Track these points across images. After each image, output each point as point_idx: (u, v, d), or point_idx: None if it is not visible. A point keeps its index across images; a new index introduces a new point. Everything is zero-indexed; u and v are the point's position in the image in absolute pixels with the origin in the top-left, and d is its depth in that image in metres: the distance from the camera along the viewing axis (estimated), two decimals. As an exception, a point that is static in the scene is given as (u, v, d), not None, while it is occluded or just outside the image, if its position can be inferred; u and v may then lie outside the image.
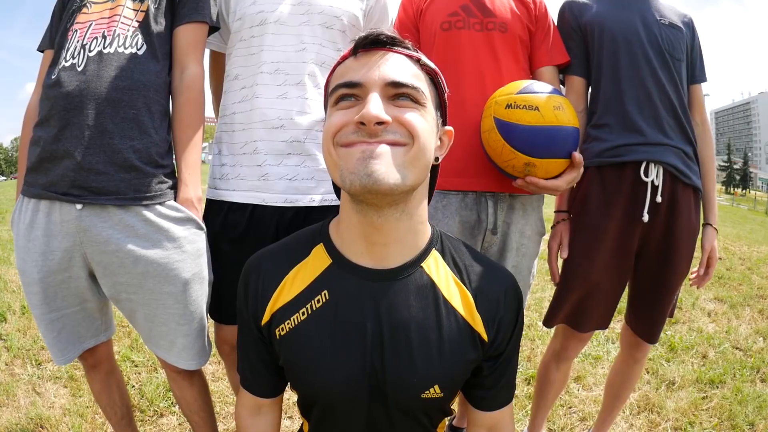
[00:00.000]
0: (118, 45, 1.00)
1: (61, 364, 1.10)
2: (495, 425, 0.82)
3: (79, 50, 0.99)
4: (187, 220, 1.05)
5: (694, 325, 2.97)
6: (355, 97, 0.66)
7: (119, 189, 0.97)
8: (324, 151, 0.68)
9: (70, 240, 0.98)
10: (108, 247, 0.98)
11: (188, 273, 1.05)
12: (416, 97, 0.67)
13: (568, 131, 1.06)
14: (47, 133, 0.97)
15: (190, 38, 1.10)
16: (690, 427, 1.82)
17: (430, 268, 0.75)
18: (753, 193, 47.74)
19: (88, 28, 1.01)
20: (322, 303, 0.73)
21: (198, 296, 1.08)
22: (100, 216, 0.97)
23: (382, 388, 0.72)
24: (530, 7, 1.28)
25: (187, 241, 1.04)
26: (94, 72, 0.97)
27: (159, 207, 1.01)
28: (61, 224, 0.97)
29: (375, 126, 0.62)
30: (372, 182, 0.61)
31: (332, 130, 0.66)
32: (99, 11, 1.03)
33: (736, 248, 5.90)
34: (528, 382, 2.11)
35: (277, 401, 0.86)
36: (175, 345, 1.08)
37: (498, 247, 1.28)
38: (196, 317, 1.09)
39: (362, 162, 0.61)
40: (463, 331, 0.73)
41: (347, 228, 0.73)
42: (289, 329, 0.74)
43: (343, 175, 0.63)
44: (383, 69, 0.66)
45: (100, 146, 0.95)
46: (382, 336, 0.71)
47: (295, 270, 0.76)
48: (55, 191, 0.96)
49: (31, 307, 1.05)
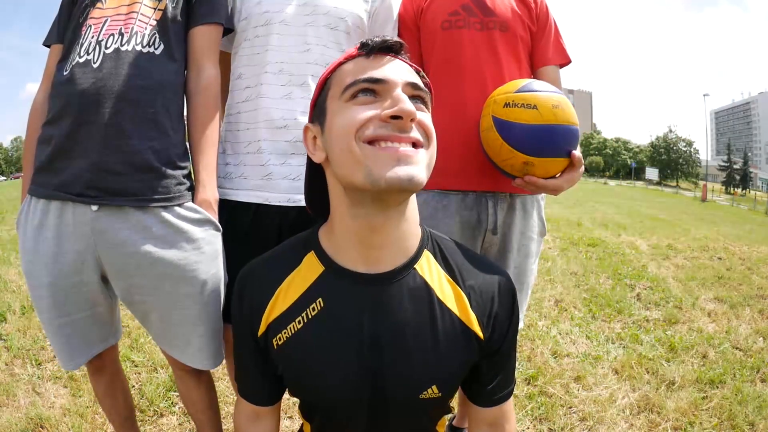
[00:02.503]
0: (136, 43, 0.97)
1: (70, 369, 1.08)
2: (496, 420, 0.82)
3: (94, 46, 0.96)
4: (206, 222, 1.04)
5: (694, 325, 2.97)
6: (374, 93, 0.66)
7: (138, 190, 0.95)
8: (342, 147, 0.66)
9: (84, 242, 0.95)
10: (125, 249, 0.96)
11: (206, 274, 1.03)
12: (426, 100, 0.70)
13: (567, 130, 1.05)
14: (60, 131, 0.93)
15: (206, 39, 1.09)
16: (690, 427, 1.82)
17: (423, 269, 0.75)
18: (753, 193, 47.74)
19: (104, 24, 0.98)
20: (317, 311, 0.73)
21: (215, 297, 1.07)
22: (117, 217, 0.95)
23: (381, 390, 0.72)
24: (531, 6, 1.28)
25: (205, 242, 1.03)
26: (111, 69, 0.94)
27: (178, 208, 1.00)
28: (74, 226, 0.94)
29: (409, 122, 0.64)
30: (411, 185, 0.63)
31: (356, 125, 0.64)
32: (115, 7, 1.00)
33: (736, 248, 5.89)
34: (528, 382, 2.11)
35: (275, 408, 0.86)
36: (190, 345, 1.07)
37: (498, 248, 1.28)
38: (213, 318, 1.08)
39: (399, 166, 0.63)
40: (459, 331, 0.74)
41: (342, 234, 0.73)
42: (285, 339, 0.74)
43: (373, 175, 0.62)
44: (402, 70, 0.68)
45: (118, 146, 0.93)
46: (378, 340, 0.71)
47: (288, 280, 0.76)
48: (69, 192, 0.93)
49: (38, 312, 1.02)
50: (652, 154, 73.30)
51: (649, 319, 3.05)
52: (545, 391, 2.03)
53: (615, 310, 3.18)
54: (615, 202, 14.94)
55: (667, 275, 4.22)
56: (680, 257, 5.13)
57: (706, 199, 25.20)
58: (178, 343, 1.07)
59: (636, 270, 4.33)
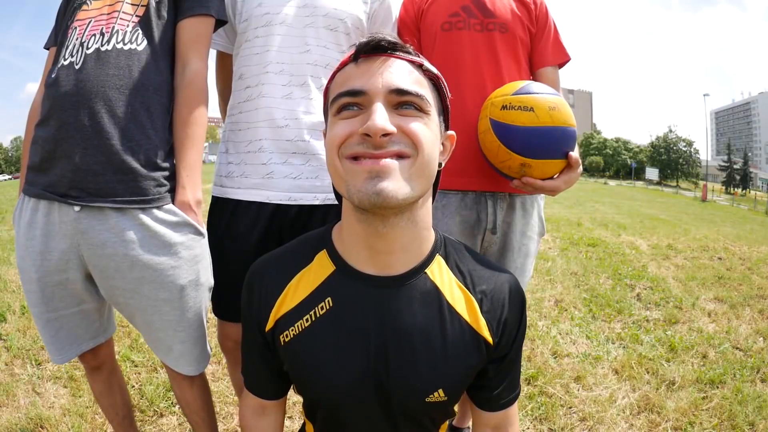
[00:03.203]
0: (117, 41, 0.97)
1: (59, 363, 1.10)
2: (500, 424, 0.82)
3: (77, 48, 0.97)
4: (184, 225, 1.02)
5: (694, 325, 2.97)
6: (358, 106, 0.65)
7: (116, 191, 0.95)
8: (328, 162, 0.67)
9: (68, 242, 0.97)
10: (104, 250, 0.96)
11: (184, 280, 1.02)
12: (420, 105, 0.65)
13: (564, 131, 1.05)
14: (46, 132, 0.96)
15: (192, 32, 1.06)
16: (690, 427, 1.82)
17: (434, 274, 0.74)
18: (753, 193, 47.74)
19: (88, 25, 0.99)
20: (326, 310, 0.73)
21: (195, 303, 1.06)
22: (97, 218, 0.95)
23: (386, 392, 0.72)
24: (531, 7, 1.28)
25: (183, 246, 1.01)
26: (90, 70, 0.94)
27: (156, 211, 0.98)
28: (59, 225, 0.96)
29: (381, 138, 0.61)
30: (381, 200, 0.61)
31: (337, 142, 0.64)
32: (98, 7, 1.00)
33: (736, 248, 5.90)
34: (528, 382, 2.11)
35: (281, 402, 0.87)
36: (172, 350, 1.07)
37: (498, 247, 1.28)
38: (194, 324, 1.07)
39: (370, 181, 0.61)
40: (468, 336, 0.73)
41: (350, 236, 0.73)
42: (293, 336, 0.74)
43: (350, 192, 0.63)
44: (386, 76, 0.64)
45: (97, 147, 0.93)
46: (386, 342, 0.71)
47: (298, 277, 0.76)
48: (54, 192, 0.95)
49: (30, 305, 1.04)
50: (652, 154, 73.30)
51: (649, 319, 3.05)
52: (545, 391, 2.03)
53: (615, 310, 3.18)
54: (615, 202, 14.94)
55: (667, 275, 4.23)
56: (680, 257, 5.13)
57: (706, 199, 25.21)
58: (162, 347, 1.08)
59: (636, 270, 4.33)
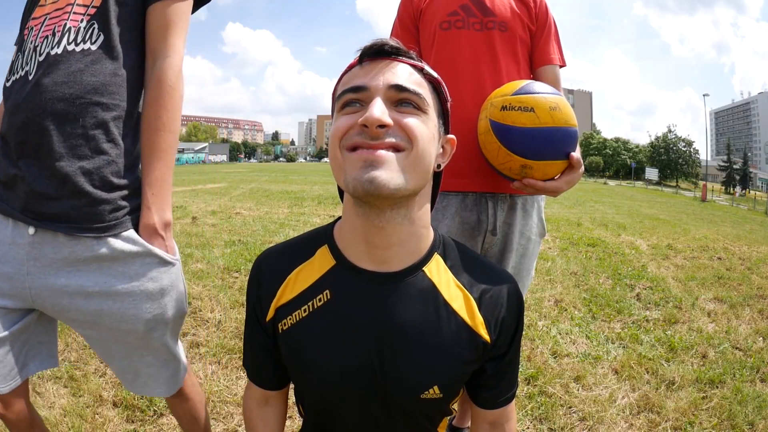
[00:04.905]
0: (68, 42, 0.83)
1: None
2: (497, 420, 0.84)
3: (31, 54, 0.84)
4: (146, 255, 0.88)
5: (694, 325, 2.97)
6: (360, 102, 0.68)
7: (70, 216, 0.83)
8: (330, 155, 0.70)
9: (15, 267, 0.85)
10: (57, 280, 0.85)
11: (148, 314, 0.91)
12: (418, 103, 0.68)
13: (565, 132, 1.03)
14: (4, 151, 0.86)
15: (162, 18, 0.89)
16: (690, 427, 1.82)
17: (432, 271, 0.76)
18: (753, 193, 47.75)
19: (42, 24, 0.85)
20: (323, 302, 0.75)
21: (162, 335, 0.96)
22: (51, 245, 0.84)
23: (381, 388, 0.73)
24: (530, 6, 1.27)
25: (146, 279, 0.89)
26: (38, 80, 0.81)
27: (112, 240, 0.85)
28: (10, 246, 0.84)
29: (377, 129, 0.64)
30: (374, 188, 0.63)
31: (338, 134, 0.68)
32: (54, 2, 0.86)
33: (736, 248, 5.90)
34: (528, 382, 2.11)
35: (283, 393, 0.89)
36: (140, 375, 0.99)
37: (499, 248, 1.28)
38: (162, 349, 0.98)
39: (364, 169, 0.64)
40: (464, 334, 0.74)
41: (350, 231, 0.75)
42: (291, 324, 0.76)
43: (347, 180, 0.65)
44: (387, 75, 0.68)
45: (49, 168, 0.81)
46: (382, 337, 0.73)
47: (299, 269, 0.78)
48: (12, 213, 0.84)
49: None
50: (652, 154, 73.26)
51: (648, 319, 3.05)
52: (545, 391, 2.03)
53: (615, 310, 3.18)
54: (615, 202, 14.95)
55: (666, 275, 4.23)
56: (680, 257, 5.14)
57: (705, 199, 25.20)
58: (128, 376, 0.99)
59: (636, 270, 4.33)
